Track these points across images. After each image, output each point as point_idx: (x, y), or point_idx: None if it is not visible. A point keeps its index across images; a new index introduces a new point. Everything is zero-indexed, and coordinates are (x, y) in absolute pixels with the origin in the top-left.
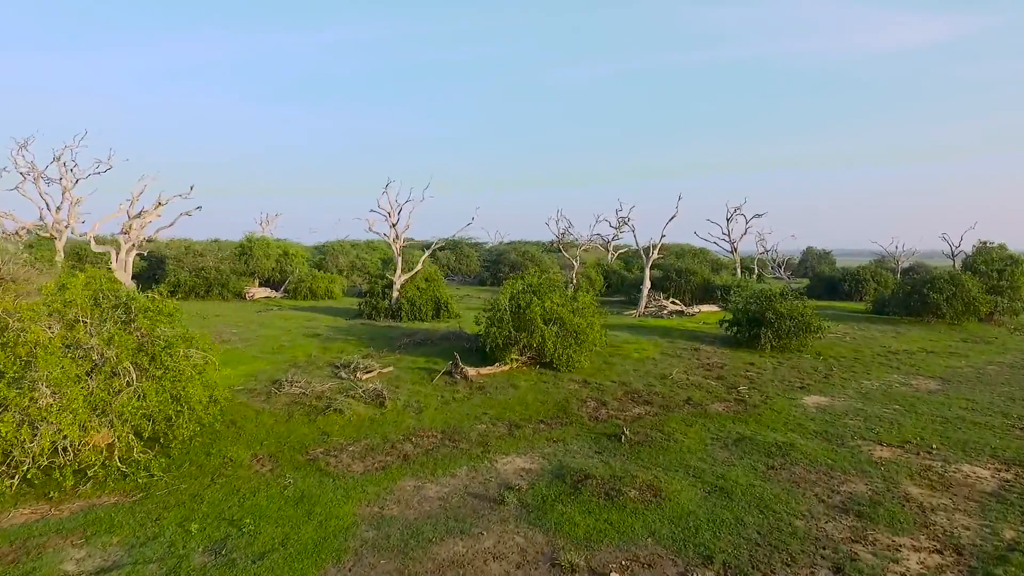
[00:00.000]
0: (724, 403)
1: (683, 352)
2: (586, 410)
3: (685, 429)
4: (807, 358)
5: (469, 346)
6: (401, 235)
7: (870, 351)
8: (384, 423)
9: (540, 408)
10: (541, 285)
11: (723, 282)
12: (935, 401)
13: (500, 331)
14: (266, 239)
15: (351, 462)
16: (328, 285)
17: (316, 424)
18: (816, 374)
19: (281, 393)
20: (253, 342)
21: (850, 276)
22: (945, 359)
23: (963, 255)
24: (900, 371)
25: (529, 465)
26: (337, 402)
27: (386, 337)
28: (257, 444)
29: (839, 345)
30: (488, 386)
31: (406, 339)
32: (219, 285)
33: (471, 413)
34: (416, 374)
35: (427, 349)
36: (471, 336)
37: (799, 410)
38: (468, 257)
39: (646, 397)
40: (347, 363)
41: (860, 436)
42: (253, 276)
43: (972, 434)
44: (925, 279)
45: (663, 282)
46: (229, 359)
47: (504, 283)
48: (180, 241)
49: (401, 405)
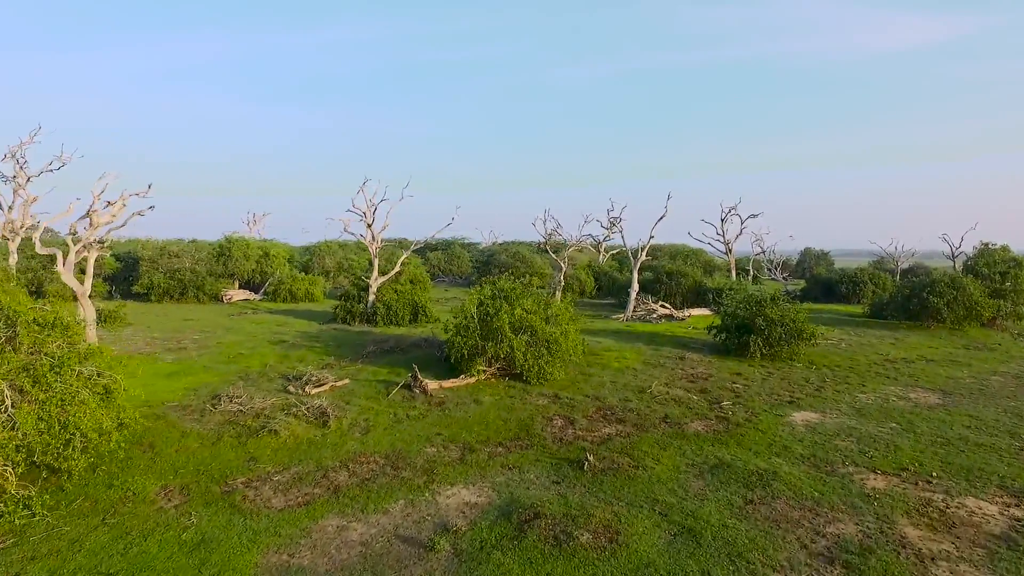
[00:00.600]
0: (704, 421)
1: (667, 361)
2: (551, 430)
3: (658, 453)
4: (799, 367)
5: (441, 355)
6: (378, 236)
7: (866, 359)
8: (323, 446)
9: (501, 428)
10: (513, 290)
11: (715, 285)
12: (935, 418)
13: (465, 340)
14: (245, 239)
15: (272, 495)
16: (309, 287)
17: (246, 447)
18: (807, 386)
19: (217, 411)
20: (210, 350)
21: (847, 278)
22: (946, 368)
23: (964, 256)
24: (898, 382)
25: (475, 498)
26: (275, 421)
27: (354, 344)
28: (171, 473)
29: (833, 353)
30: (449, 401)
31: (373, 347)
32: (194, 287)
33: (423, 434)
34: (373, 387)
35: (394, 358)
36: (444, 343)
37: (786, 429)
38: (459, 258)
39: (620, 414)
40: (300, 375)
41: (852, 461)
42: (232, 278)
43: (976, 458)
44: (925, 282)
45: (653, 285)
46: (177, 370)
47: (471, 289)
48: (156, 241)
49: (347, 424)
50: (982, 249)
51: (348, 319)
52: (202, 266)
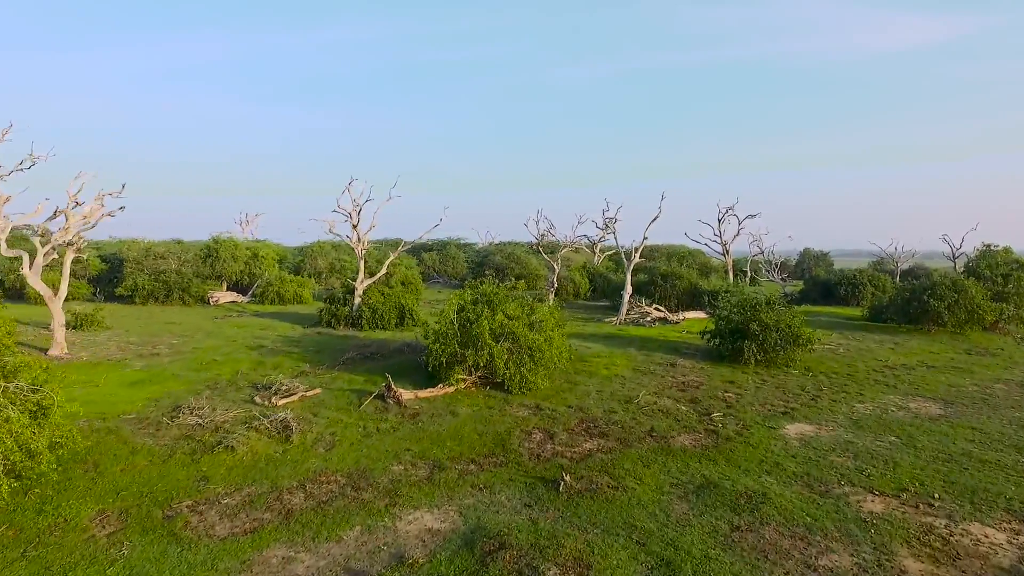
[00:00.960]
0: (693, 435)
1: (657, 368)
2: (529, 445)
3: (641, 472)
4: (794, 374)
5: (423, 361)
6: (363, 237)
7: (865, 366)
8: (282, 464)
9: (475, 442)
10: (496, 295)
11: (711, 287)
12: (937, 431)
13: (444, 348)
14: (234, 240)
15: (217, 521)
16: (297, 289)
17: (198, 466)
18: (803, 395)
19: (174, 424)
20: (184, 356)
21: (846, 280)
22: (947, 375)
23: (964, 257)
24: (897, 391)
25: (439, 524)
26: (233, 436)
27: (335, 349)
28: (112, 496)
29: (831, 359)
30: (424, 413)
31: (353, 352)
32: (179, 289)
33: (392, 449)
34: (345, 397)
35: (374, 364)
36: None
37: (779, 444)
38: (454, 259)
39: (603, 427)
40: (270, 384)
41: (848, 480)
42: (220, 279)
43: (981, 477)
44: (925, 285)
45: (648, 287)
46: (143, 378)
47: (451, 296)
48: (141, 242)
49: (311, 439)
50: (984, 250)
51: (333, 323)
52: (188, 268)
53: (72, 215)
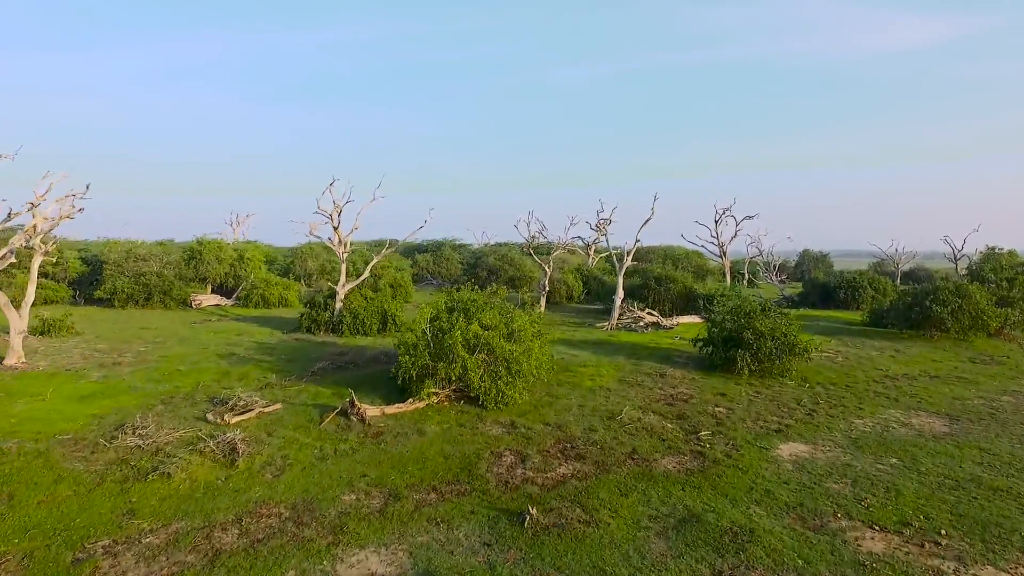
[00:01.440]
0: (677, 457)
1: (645, 379)
2: (498, 470)
3: (617, 502)
4: (790, 386)
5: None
6: (345, 240)
7: (864, 376)
8: (221, 493)
9: (440, 467)
10: (473, 302)
11: (706, 291)
12: (942, 451)
13: (414, 360)
14: (218, 242)
15: (132, 566)
16: (283, 292)
17: (127, 496)
18: (798, 410)
19: (112, 446)
20: (148, 365)
21: (846, 283)
22: (951, 387)
23: (966, 259)
24: (899, 404)
25: (384, 568)
26: (172, 461)
27: (309, 358)
28: (21, 534)
29: (829, 368)
30: (389, 431)
31: (325, 362)
32: (160, 292)
33: (346, 475)
34: (307, 413)
35: (346, 375)
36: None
37: (771, 467)
38: (448, 260)
39: (581, 449)
40: (227, 399)
41: (846, 512)
42: (204, 282)
43: (993, 508)
44: (928, 290)
45: (641, 290)
46: (97, 391)
47: (422, 305)
48: (122, 243)
49: (259, 463)
50: (988, 253)
51: (313, 328)
52: (170, 270)
53: (37, 216)
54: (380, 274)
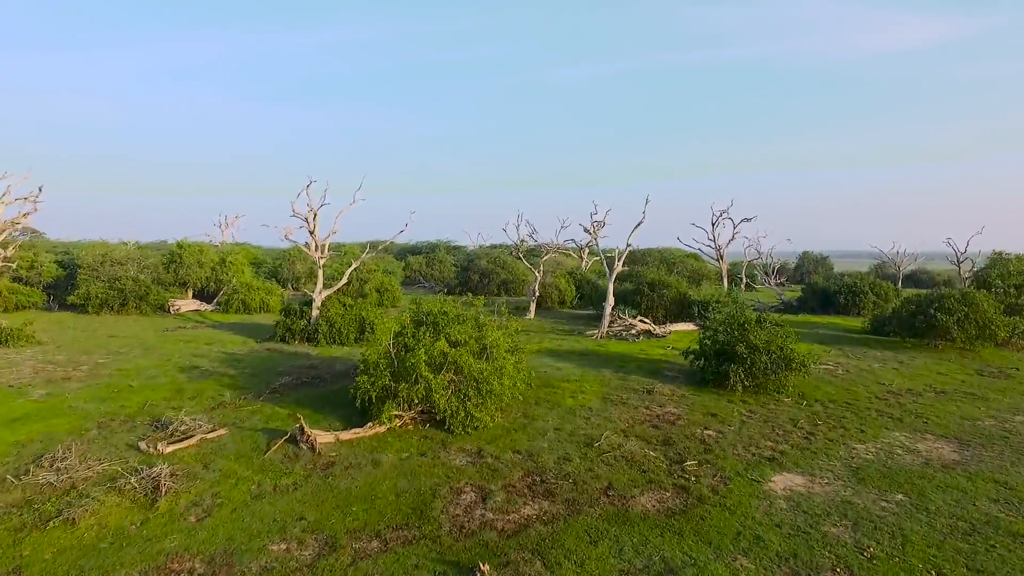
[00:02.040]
0: (658, 492)
1: (631, 396)
2: (455, 510)
3: (585, 552)
4: (786, 404)
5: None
6: (323, 244)
7: (866, 391)
8: (130, 543)
9: (389, 506)
10: (445, 315)
11: (701, 297)
12: (953, 486)
13: (373, 381)
14: (200, 245)
15: None
16: (264, 297)
17: (19, 548)
18: (794, 432)
19: (21, 483)
20: (98, 381)
21: (846, 288)
22: (960, 404)
23: (969, 261)
24: (903, 426)
25: None
26: (83, 503)
27: (274, 372)
28: None
29: (828, 382)
30: (341, 462)
31: (290, 377)
32: (137, 298)
33: (282, 518)
34: (253, 440)
35: (310, 391)
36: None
37: (762, 506)
38: (441, 262)
39: (551, 483)
40: (169, 422)
41: (845, 565)
42: (185, 287)
43: (1016, 562)
44: (932, 297)
45: (634, 296)
46: (32, 412)
47: (384, 320)
48: (99, 245)
49: (184, 504)
50: (995, 258)
51: (287, 337)
52: (147, 274)
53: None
54: (366, 278)
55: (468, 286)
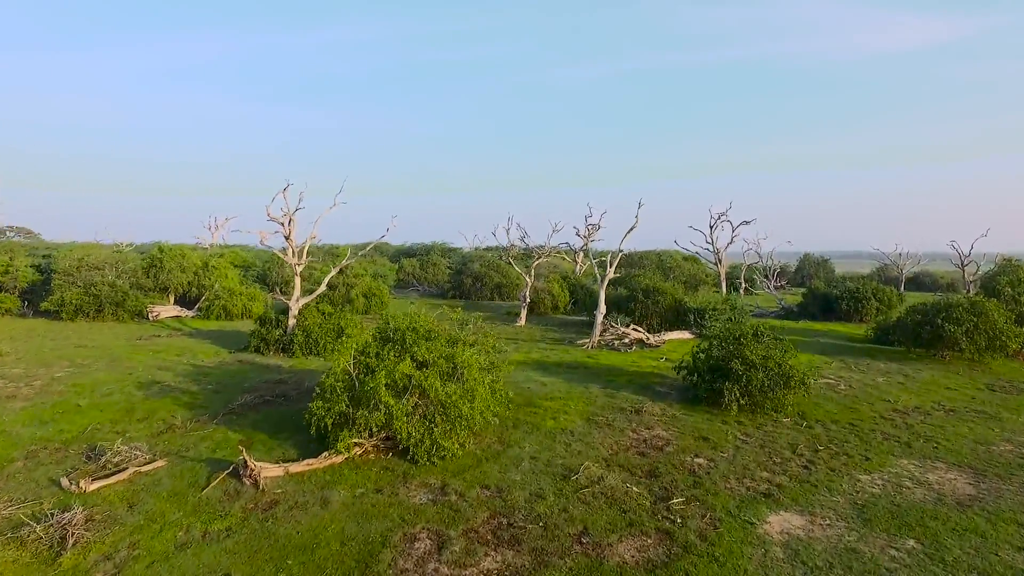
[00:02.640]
0: (639, 538)
1: (618, 416)
2: (405, 563)
3: None
4: (784, 424)
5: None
6: (300, 250)
7: (870, 410)
8: None
9: (332, 558)
10: (415, 330)
11: (697, 304)
12: (971, 528)
13: (329, 407)
14: (181, 248)
15: None
16: (247, 303)
17: None
18: (793, 460)
19: None
20: (49, 397)
21: (848, 294)
22: (972, 425)
23: (974, 264)
24: (912, 451)
25: None
26: None
27: (240, 387)
28: None
29: (830, 399)
30: (286, 500)
31: (252, 396)
32: (113, 304)
33: (204, 574)
34: (194, 473)
35: (269, 413)
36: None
37: (756, 554)
38: (435, 265)
39: (519, 526)
40: (103, 451)
41: None
42: (166, 292)
43: None
44: (939, 307)
45: (628, 303)
46: None
47: (342, 341)
48: (78, 248)
49: (94, 558)
50: (1004, 265)
51: (262, 348)
52: (125, 279)
53: None
54: (352, 283)
55: (461, 290)
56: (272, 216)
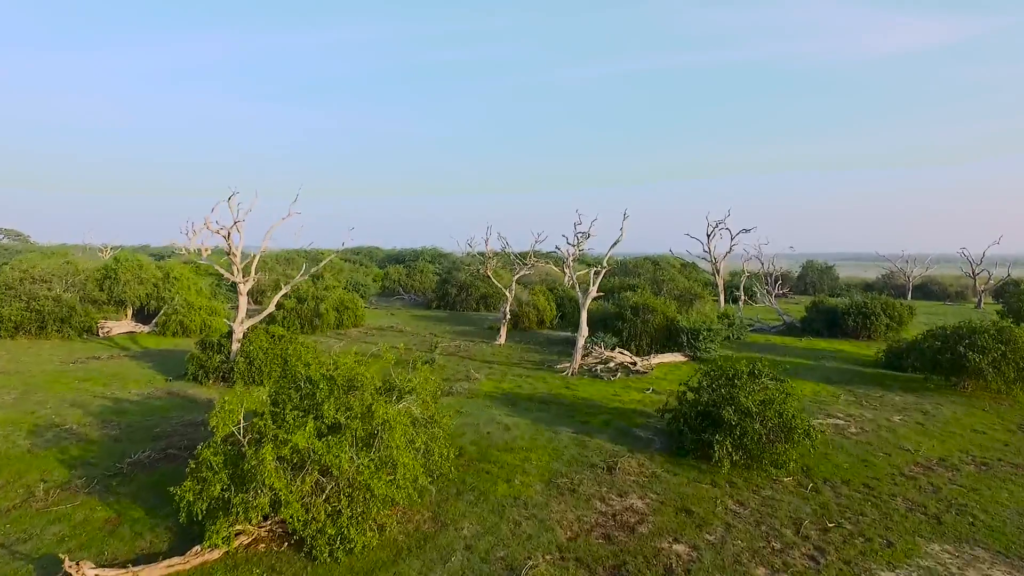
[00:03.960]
0: None
1: (586, 477)
2: None
3: None
4: (786, 486)
5: None
6: (244, 266)
7: (888, 466)
8: None
9: None
10: (330, 380)
11: (690, 324)
12: None
13: (202, 488)
14: (139, 258)
15: None
16: (206, 318)
17: None
18: (797, 546)
19: None
20: None
21: (856, 309)
22: (1012, 488)
23: (986, 273)
24: (943, 530)
25: None
26: None
27: (150, 433)
28: None
29: (839, 448)
30: None
31: (158, 445)
32: (58, 320)
33: None
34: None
35: (167, 471)
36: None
37: None
38: (422, 272)
39: None
40: None
41: None
42: (123, 305)
43: None
44: (962, 332)
45: (615, 321)
46: None
47: (226, 395)
48: (27, 258)
49: None
50: None
51: (201, 376)
52: (73, 292)
53: None
54: (322, 296)
55: (446, 300)
56: (211, 226)
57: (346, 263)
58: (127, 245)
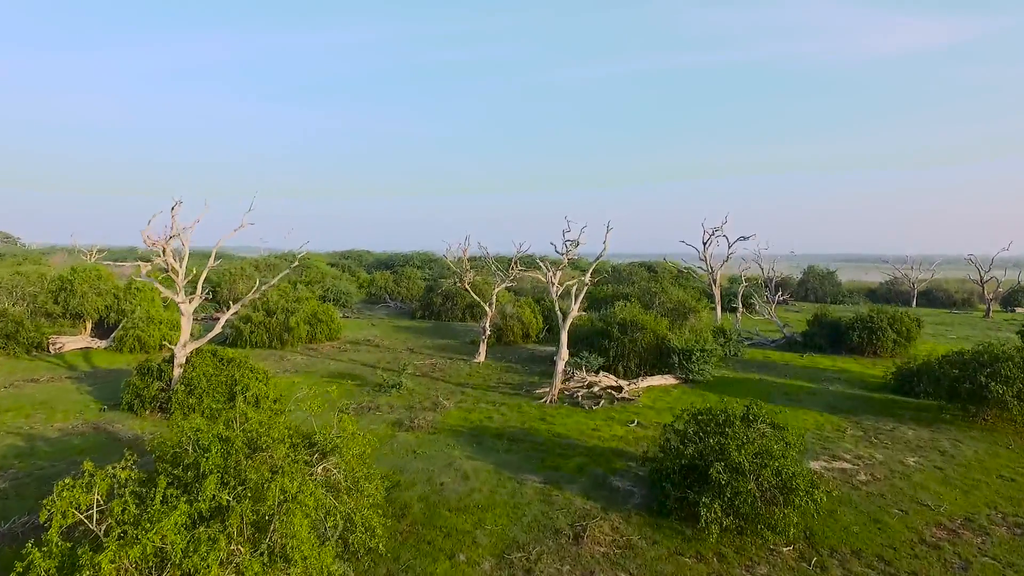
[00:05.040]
0: None
1: (547, 548)
2: None
3: None
4: (785, 559)
5: None
6: (184, 284)
7: (904, 526)
8: None
9: None
10: (226, 441)
11: (682, 344)
12: None
13: None
14: (98, 268)
15: None
16: (166, 332)
17: None
18: None
19: None
20: None
21: (861, 323)
22: None
23: (995, 280)
24: None
25: None
26: None
27: (36, 493)
28: None
29: (847, 504)
30: None
31: (27, 516)
32: (3, 336)
33: None
34: None
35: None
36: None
37: None
38: (410, 279)
39: None
40: None
41: None
42: (80, 319)
43: None
44: (982, 360)
45: (602, 340)
46: None
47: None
48: None
49: None
50: None
51: (137, 406)
52: (22, 306)
53: None
54: (292, 309)
55: (431, 309)
56: (149, 240)
57: (332, 267)
58: (115, 247)
